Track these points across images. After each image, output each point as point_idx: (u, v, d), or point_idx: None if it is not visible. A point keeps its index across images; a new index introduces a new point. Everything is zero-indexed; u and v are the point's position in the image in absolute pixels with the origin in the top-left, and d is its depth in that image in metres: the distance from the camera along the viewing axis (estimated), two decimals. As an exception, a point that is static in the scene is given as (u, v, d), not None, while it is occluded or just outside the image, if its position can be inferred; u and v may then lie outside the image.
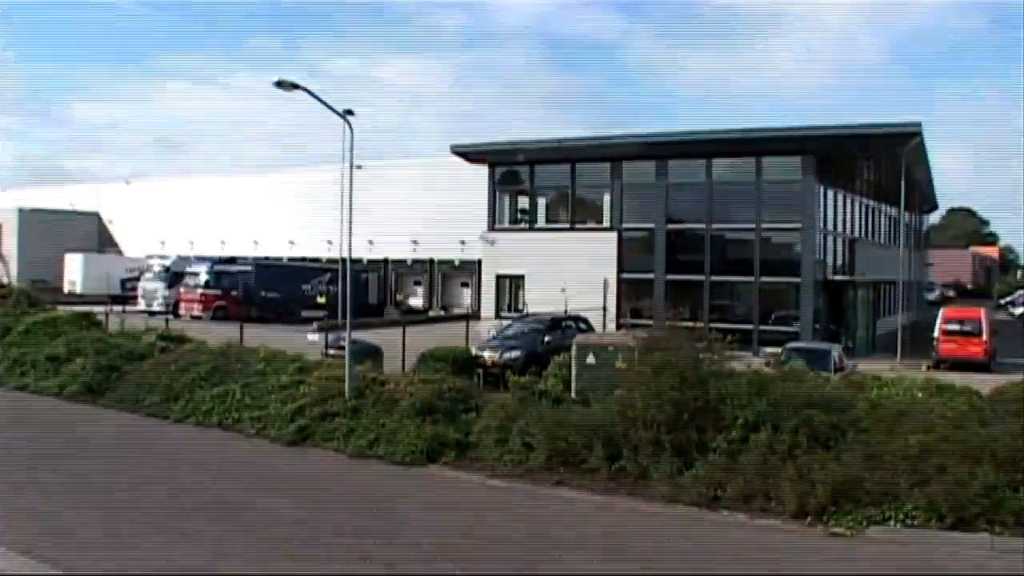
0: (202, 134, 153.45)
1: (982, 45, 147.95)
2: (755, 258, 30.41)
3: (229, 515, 10.45)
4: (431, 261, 49.49)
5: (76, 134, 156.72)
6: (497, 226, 35.31)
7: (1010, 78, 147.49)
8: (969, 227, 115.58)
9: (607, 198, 33.46)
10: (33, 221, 59.00)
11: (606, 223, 33.22)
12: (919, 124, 28.58)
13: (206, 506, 10.81)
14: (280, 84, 15.64)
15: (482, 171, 36.11)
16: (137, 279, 48.11)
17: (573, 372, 16.16)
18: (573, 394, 15.56)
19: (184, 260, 45.33)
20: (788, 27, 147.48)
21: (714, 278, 30.71)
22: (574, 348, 16.54)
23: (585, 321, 25.46)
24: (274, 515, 10.47)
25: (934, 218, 76.50)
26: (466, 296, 47.70)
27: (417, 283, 51.32)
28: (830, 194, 31.78)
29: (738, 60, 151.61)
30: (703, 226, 31.06)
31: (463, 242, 45.28)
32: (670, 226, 31.81)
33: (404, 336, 19.48)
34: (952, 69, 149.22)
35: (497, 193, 35.76)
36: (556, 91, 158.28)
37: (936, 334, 27.55)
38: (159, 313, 36.85)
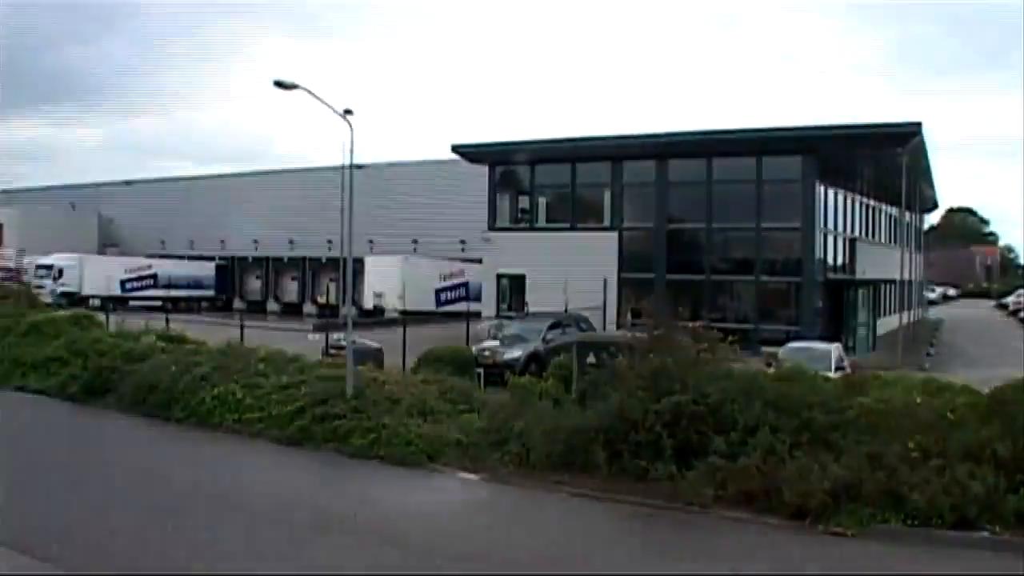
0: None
1: (983, 44, 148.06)
2: (755, 258, 30.42)
3: (228, 515, 10.46)
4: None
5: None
6: (497, 226, 35.30)
7: (1011, 77, 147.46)
8: (969, 227, 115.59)
9: (607, 198, 33.46)
10: (33, 221, 58.90)
11: (606, 223, 33.21)
12: (919, 124, 28.61)
13: (207, 506, 10.82)
14: (280, 84, 15.59)
15: (482, 171, 36.13)
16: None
17: (574, 372, 16.15)
18: (573, 394, 15.54)
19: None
20: (787, 26, 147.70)
21: (714, 278, 30.72)
22: (575, 348, 16.53)
23: (586, 321, 25.45)
24: (274, 515, 10.47)
25: (934, 218, 76.59)
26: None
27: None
28: (830, 194, 31.79)
29: (739, 60, 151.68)
30: (703, 226, 31.07)
31: (463, 242, 45.28)
32: (670, 226, 31.83)
33: (404, 336, 19.50)
34: (953, 69, 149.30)
35: (497, 193, 35.75)
36: (555, 89, 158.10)
37: None
38: None
